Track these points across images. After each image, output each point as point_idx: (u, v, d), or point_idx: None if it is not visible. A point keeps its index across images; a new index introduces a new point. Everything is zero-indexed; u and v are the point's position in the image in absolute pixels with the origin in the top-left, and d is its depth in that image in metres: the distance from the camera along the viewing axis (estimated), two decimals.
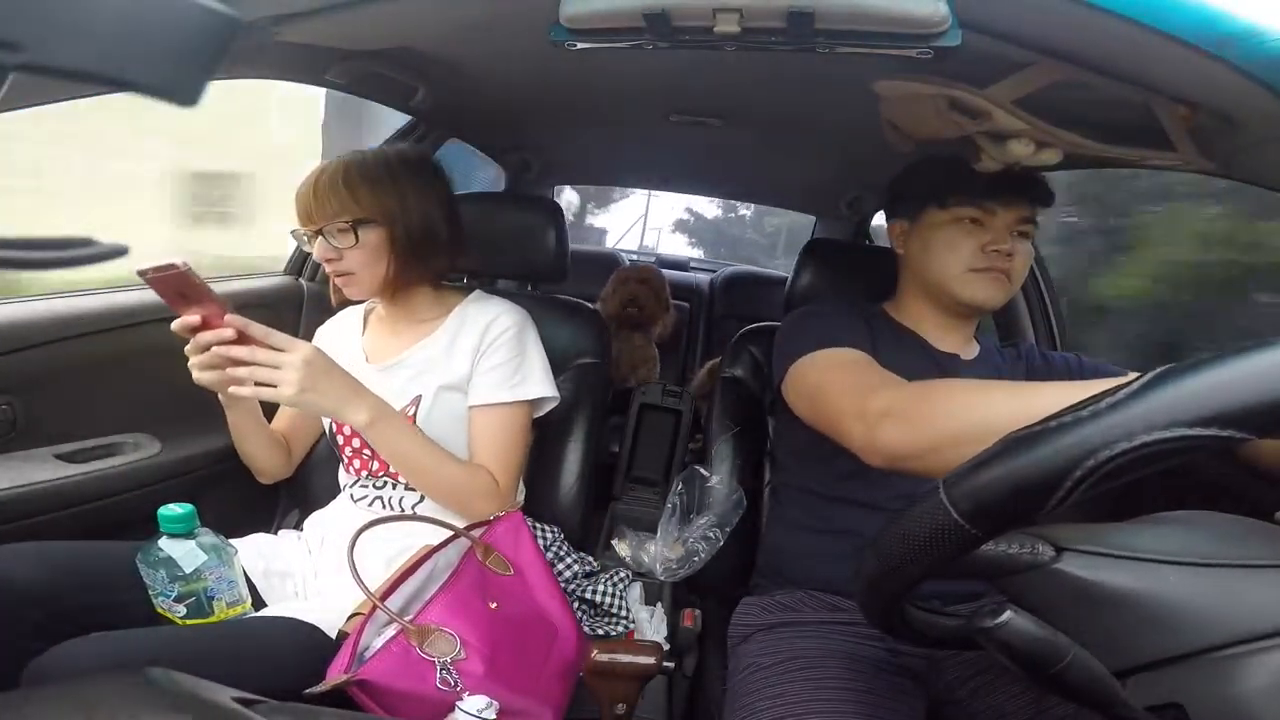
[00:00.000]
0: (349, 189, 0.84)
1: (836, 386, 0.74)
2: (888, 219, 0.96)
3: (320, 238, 0.85)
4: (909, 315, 0.93)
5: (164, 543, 0.70)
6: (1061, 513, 0.33)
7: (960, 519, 0.34)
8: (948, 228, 0.85)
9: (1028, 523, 0.34)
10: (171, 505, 0.72)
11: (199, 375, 0.75)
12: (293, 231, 0.89)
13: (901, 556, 0.38)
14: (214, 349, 0.73)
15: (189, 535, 0.71)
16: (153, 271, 0.68)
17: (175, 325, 0.74)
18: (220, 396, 0.83)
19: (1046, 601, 0.38)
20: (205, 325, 0.73)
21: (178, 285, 0.70)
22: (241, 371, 0.73)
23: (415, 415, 0.89)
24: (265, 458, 0.95)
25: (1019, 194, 0.83)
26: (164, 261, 0.68)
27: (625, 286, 1.95)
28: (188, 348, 0.75)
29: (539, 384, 0.92)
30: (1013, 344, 0.98)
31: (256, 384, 0.74)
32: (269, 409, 0.95)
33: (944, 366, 0.88)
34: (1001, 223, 0.83)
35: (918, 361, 0.88)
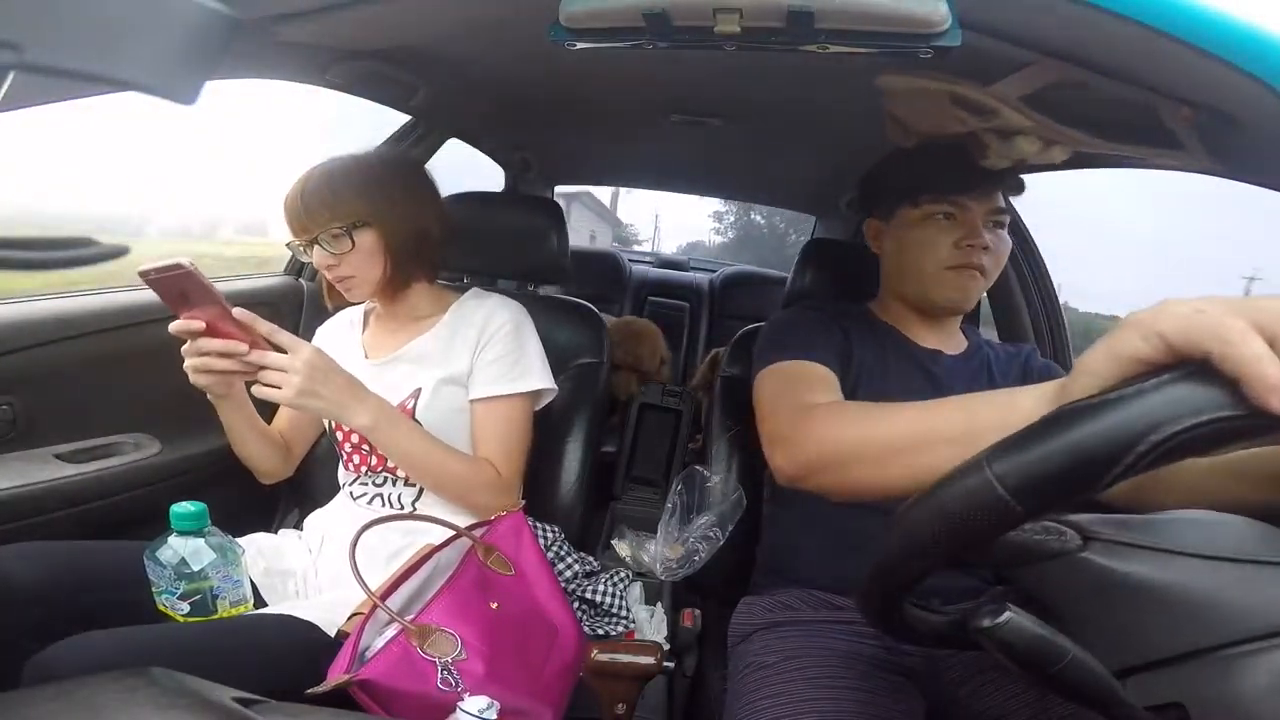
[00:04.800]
0: (336, 195, 0.85)
1: (769, 405, 0.76)
2: (865, 218, 0.96)
3: (316, 246, 0.86)
4: (890, 313, 0.93)
5: (174, 540, 0.71)
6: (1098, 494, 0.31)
7: (1006, 494, 0.32)
8: (922, 226, 0.85)
9: (1079, 499, 0.32)
10: (184, 503, 0.72)
11: (195, 378, 0.76)
12: (288, 244, 0.89)
13: (932, 534, 0.35)
14: (223, 352, 0.73)
15: (199, 533, 0.72)
16: (155, 272, 0.68)
17: (173, 328, 0.74)
18: (210, 396, 0.83)
19: (1065, 591, 0.37)
20: (208, 327, 0.73)
21: (181, 286, 0.70)
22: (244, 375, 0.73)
23: (415, 407, 0.89)
24: (263, 457, 0.95)
25: (990, 185, 0.83)
26: (168, 261, 0.67)
27: (624, 346, 1.89)
28: (185, 349, 0.75)
29: (538, 377, 0.93)
30: (1016, 345, 0.97)
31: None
32: (268, 408, 0.95)
33: (926, 363, 0.88)
34: (975, 216, 0.83)
35: (899, 359, 0.88)
